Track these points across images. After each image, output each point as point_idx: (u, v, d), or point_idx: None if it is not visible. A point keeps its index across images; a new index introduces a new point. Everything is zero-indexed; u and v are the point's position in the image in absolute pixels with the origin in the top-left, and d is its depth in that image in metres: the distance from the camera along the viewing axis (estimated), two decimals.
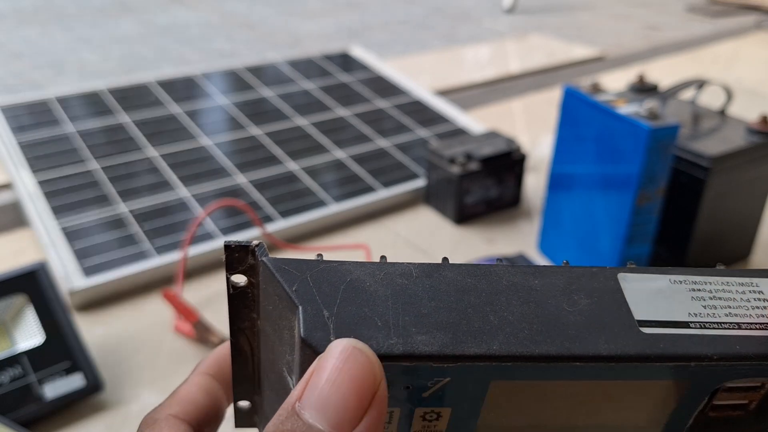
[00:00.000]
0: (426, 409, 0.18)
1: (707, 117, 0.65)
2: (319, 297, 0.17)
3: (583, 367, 0.18)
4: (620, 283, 0.20)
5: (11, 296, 0.49)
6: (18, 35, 2.07)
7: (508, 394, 0.18)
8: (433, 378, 0.17)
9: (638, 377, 0.18)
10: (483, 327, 0.17)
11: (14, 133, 0.79)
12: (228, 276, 0.19)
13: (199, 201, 0.71)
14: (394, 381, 0.17)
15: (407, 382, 0.17)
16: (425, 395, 0.18)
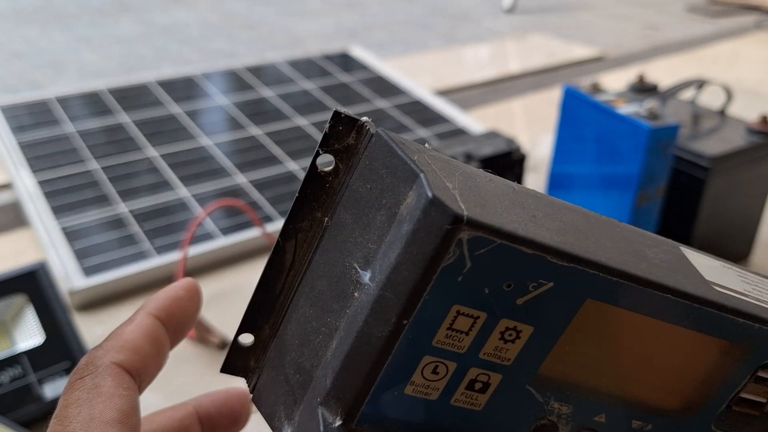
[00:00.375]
0: (510, 323, 0.17)
1: (707, 117, 0.65)
2: (440, 171, 0.16)
3: (671, 303, 0.18)
4: (684, 252, 0.21)
5: (11, 296, 0.49)
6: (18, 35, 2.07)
7: (595, 320, 0.18)
8: (539, 279, 0.16)
9: (710, 331, 0.19)
10: (588, 243, 0.17)
11: (14, 133, 0.79)
12: (318, 152, 0.18)
13: (199, 201, 0.71)
14: (498, 274, 0.16)
15: (512, 278, 0.16)
16: (520, 302, 0.17)
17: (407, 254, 0.16)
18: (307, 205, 0.19)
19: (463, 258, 0.15)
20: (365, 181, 0.17)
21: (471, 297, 0.16)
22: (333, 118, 0.18)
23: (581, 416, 0.19)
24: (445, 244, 0.15)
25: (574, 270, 0.17)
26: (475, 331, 0.17)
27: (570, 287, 0.17)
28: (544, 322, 0.17)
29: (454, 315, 0.16)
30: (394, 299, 0.16)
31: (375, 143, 0.18)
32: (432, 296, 0.16)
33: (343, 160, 0.18)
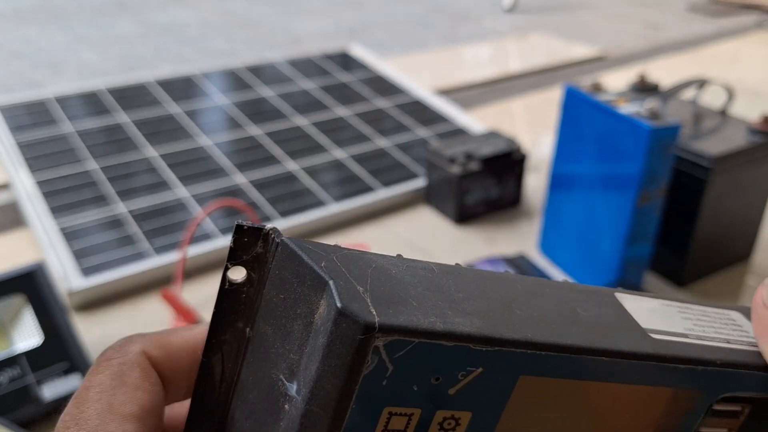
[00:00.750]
0: (446, 413, 0.17)
1: (708, 117, 0.64)
2: (349, 274, 0.16)
3: (608, 364, 0.18)
4: (619, 300, 0.21)
5: (9, 297, 0.48)
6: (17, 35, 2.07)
7: (534, 393, 0.18)
8: (466, 368, 0.16)
9: (654, 382, 0.19)
10: (514, 318, 0.17)
11: (12, 132, 0.79)
12: (227, 266, 0.18)
13: (198, 201, 0.70)
14: (423, 370, 0.16)
15: (439, 372, 0.16)
16: (452, 392, 0.17)
17: (326, 367, 0.15)
18: (226, 318, 0.18)
19: (383, 362, 0.15)
20: (278, 291, 0.17)
21: (400, 397, 0.16)
22: (236, 231, 0.18)
23: None
24: (361, 353, 0.15)
25: (500, 352, 0.16)
26: (411, 428, 0.17)
27: (500, 368, 0.17)
28: (481, 406, 0.17)
29: (386, 418, 0.16)
30: (321, 413, 0.16)
31: (282, 252, 0.17)
32: (359, 404, 0.16)
33: (255, 270, 0.18)
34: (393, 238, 0.70)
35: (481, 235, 0.71)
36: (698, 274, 0.64)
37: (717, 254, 0.64)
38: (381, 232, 0.71)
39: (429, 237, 0.70)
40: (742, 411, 0.21)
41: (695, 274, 0.63)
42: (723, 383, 0.20)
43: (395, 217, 0.74)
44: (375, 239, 0.69)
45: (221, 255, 0.64)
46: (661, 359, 0.19)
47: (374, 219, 0.73)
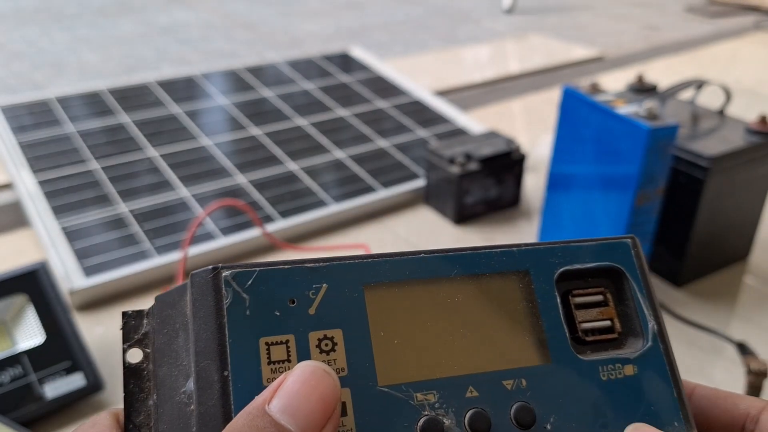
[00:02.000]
0: (318, 334, 0.18)
1: (706, 117, 0.65)
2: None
3: (430, 261, 0.20)
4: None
5: (12, 296, 0.49)
6: (18, 35, 2.07)
7: (389, 304, 0.19)
8: (312, 286, 0.19)
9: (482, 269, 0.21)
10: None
11: (14, 133, 0.79)
12: (124, 349, 0.19)
13: (200, 201, 0.71)
14: (276, 295, 0.18)
15: (291, 294, 0.18)
16: (311, 311, 0.18)
17: (197, 322, 0.18)
18: (137, 398, 0.19)
19: (238, 294, 0.18)
20: (162, 336, 0.19)
21: (268, 325, 0.18)
22: (123, 318, 0.20)
23: (452, 398, 0.19)
24: (216, 288, 0.18)
25: (333, 266, 0.19)
26: (293, 355, 0.18)
27: (341, 281, 0.19)
28: (346, 322, 0.19)
29: (266, 348, 0.18)
30: (207, 362, 0.17)
31: (157, 304, 0.20)
32: (233, 337, 0.17)
33: (147, 345, 0.20)
34: (393, 238, 0.70)
35: (480, 235, 0.71)
36: (696, 274, 0.64)
37: (715, 254, 0.65)
38: (381, 232, 0.71)
39: (428, 237, 0.71)
40: (605, 297, 0.22)
41: (693, 274, 0.64)
42: (549, 258, 0.22)
43: (395, 217, 0.74)
44: (375, 239, 0.70)
45: (222, 255, 0.65)
46: (474, 249, 0.21)
47: (374, 219, 0.74)
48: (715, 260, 0.65)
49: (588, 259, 0.22)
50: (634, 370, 0.21)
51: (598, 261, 0.22)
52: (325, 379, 0.17)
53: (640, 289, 0.22)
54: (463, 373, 0.19)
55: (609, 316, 0.22)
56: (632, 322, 0.22)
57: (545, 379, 0.20)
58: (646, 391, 0.20)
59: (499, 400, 0.19)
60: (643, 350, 0.21)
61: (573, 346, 0.21)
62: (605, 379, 0.20)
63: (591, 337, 0.21)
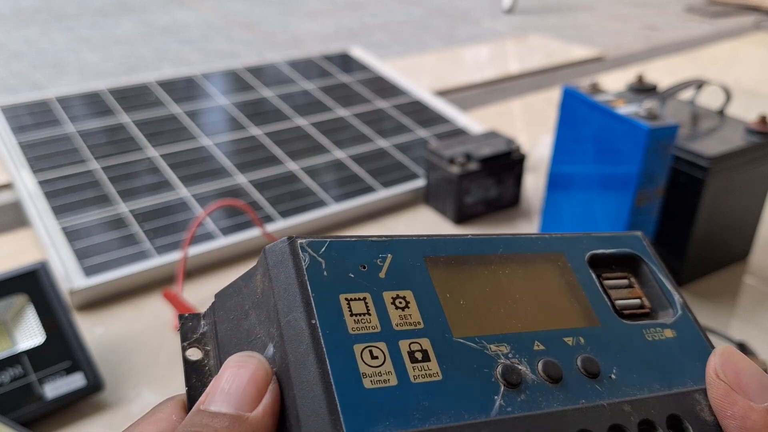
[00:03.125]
0: (392, 293, 0.20)
1: (706, 117, 0.65)
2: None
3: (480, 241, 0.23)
4: None
5: (12, 296, 0.49)
6: (18, 35, 2.07)
7: (450, 272, 0.21)
8: (379, 255, 0.21)
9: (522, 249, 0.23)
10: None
11: (15, 133, 0.79)
12: (184, 347, 0.21)
13: (200, 201, 0.71)
14: (348, 261, 0.20)
15: (361, 261, 0.20)
16: (382, 275, 0.20)
17: (278, 282, 0.19)
18: (199, 393, 0.20)
19: (314, 258, 0.20)
20: (228, 323, 0.21)
21: (345, 284, 0.19)
22: (180, 320, 0.21)
23: (522, 350, 0.20)
24: (294, 255, 0.19)
25: (394, 241, 0.21)
26: (372, 309, 0.19)
27: (404, 253, 0.21)
28: (414, 285, 0.21)
29: (346, 303, 0.19)
30: (294, 314, 0.18)
31: (216, 305, 0.21)
32: (316, 293, 0.19)
33: (207, 344, 0.21)
34: None
35: None
36: (696, 274, 0.64)
37: (715, 254, 0.65)
38: (381, 232, 0.71)
39: None
40: (630, 280, 0.24)
41: (693, 274, 0.64)
42: (578, 244, 0.24)
43: (395, 217, 0.74)
44: None
45: (223, 255, 0.65)
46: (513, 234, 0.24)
47: (374, 219, 0.74)
48: (715, 260, 0.65)
49: (610, 246, 0.25)
50: (673, 333, 0.23)
51: (619, 248, 0.25)
52: (250, 360, 0.18)
53: (660, 272, 0.25)
54: (527, 330, 0.21)
55: (637, 295, 0.24)
56: (659, 299, 0.24)
57: (600, 338, 0.22)
58: (688, 349, 0.23)
59: (565, 354, 0.21)
60: (676, 318, 0.23)
61: (619, 317, 0.23)
62: (650, 340, 0.22)
63: (627, 311, 0.23)
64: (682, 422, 0.19)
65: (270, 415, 0.18)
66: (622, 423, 0.19)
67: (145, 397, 0.50)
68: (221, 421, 0.17)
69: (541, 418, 0.19)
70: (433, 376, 0.19)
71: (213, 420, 0.17)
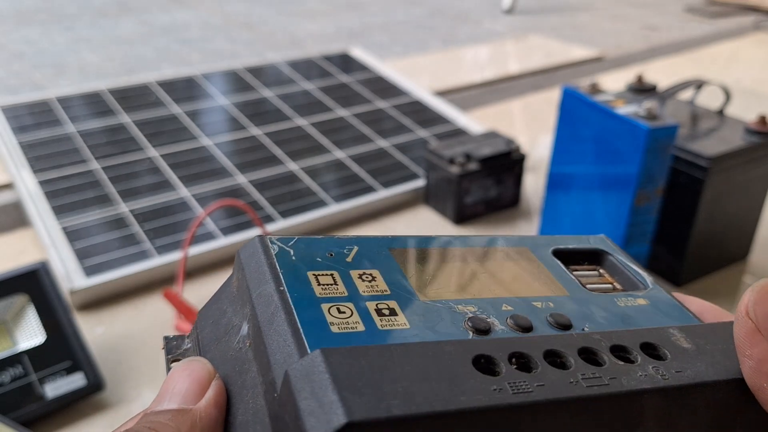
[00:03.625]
0: (359, 272, 0.21)
1: (706, 117, 0.65)
2: None
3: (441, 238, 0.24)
4: None
5: (12, 296, 0.49)
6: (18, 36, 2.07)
7: (409, 258, 0.22)
8: (345, 247, 0.22)
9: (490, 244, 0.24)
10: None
11: (15, 133, 0.79)
12: (168, 360, 0.22)
13: (200, 201, 0.71)
14: (317, 251, 0.21)
15: (329, 250, 0.21)
16: (349, 260, 0.21)
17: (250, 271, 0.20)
18: None
19: (283, 248, 0.21)
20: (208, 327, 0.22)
21: (314, 265, 0.20)
22: (164, 341, 0.22)
23: (490, 310, 0.21)
24: (264, 246, 0.20)
25: (358, 238, 0.22)
26: (339, 281, 0.20)
27: (369, 247, 0.22)
28: (380, 265, 0.21)
29: (314, 277, 0.20)
30: (263, 287, 0.19)
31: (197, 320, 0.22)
32: (285, 270, 0.20)
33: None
34: None
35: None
36: (695, 274, 0.64)
37: (714, 254, 0.65)
38: (381, 232, 0.72)
39: None
40: (600, 272, 0.25)
41: (692, 274, 0.64)
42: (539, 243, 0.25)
43: (395, 217, 0.74)
44: None
45: (223, 254, 0.65)
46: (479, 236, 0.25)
47: (374, 219, 0.74)
48: (715, 260, 0.65)
49: (573, 244, 0.25)
50: (646, 301, 0.23)
51: (583, 245, 0.26)
52: (192, 363, 0.19)
53: (627, 260, 0.25)
54: (495, 296, 0.21)
55: (608, 281, 0.25)
56: (629, 281, 0.24)
57: (570, 303, 0.22)
58: (663, 311, 0.23)
59: (534, 313, 0.21)
60: (648, 291, 0.24)
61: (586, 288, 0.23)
62: (623, 305, 0.22)
63: (595, 289, 0.24)
64: (657, 349, 0.19)
65: (213, 406, 0.19)
66: (593, 346, 0.19)
67: (145, 396, 0.50)
68: (165, 416, 0.18)
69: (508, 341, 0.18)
70: (401, 325, 0.19)
71: (158, 416, 0.18)
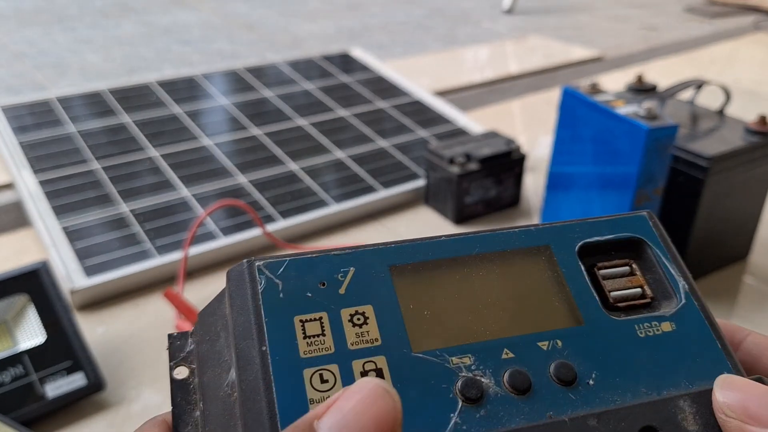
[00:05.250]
0: (350, 310, 0.19)
1: (706, 117, 0.65)
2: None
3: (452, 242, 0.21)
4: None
5: (13, 296, 0.49)
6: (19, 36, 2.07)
7: (416, 279, 0.20)
8: (340, 269, 0.20)
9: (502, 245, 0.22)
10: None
11: (16, 133, 0.79)
12: (171, 367, 0.21)
13: (200, 201, 0.71)
14: (307, 279, 0.19)
15: (321, 278, 0.20)
16: (342, 291, 0.19)
17: (235, 309, 0.19)
18: (184, 411, 0.20)
19: (271, 280, 0.19)
20: (206, 344, 0.21)
21: (301, 305, 0.19)
22: (169, 340, 0.21)
23: (488, 360, 0.19)
24: (251, 278, 0.19)
25: (358, 252, 0.20)
26: (327, 329, 0.19)
27: (368, 264, 0.20)
28: (375, 297, 0.20)
29: (300, 325, 0.19)
30: (246, 342, 0.18)
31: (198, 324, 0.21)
32: (270, 318, 0.19)
33: (193, 362, 0.21)
34: (393, 238, 0.70)
35: None
36: (695, 274, 0.64)
37: (714, 254, 0.65)
38: (381, 232, 0.72)
39: None
40: (631, 268, 0.22)
41: (692, 274, 0.64)
42: (568, 233, 0.22)
43: (395, 217, 0.74)
44: (375, 239, 0.70)
45: (223, 255, 0.65)
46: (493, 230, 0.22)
47: (374, 219, 0.74)
48: (715, 260, 0.65)
49: (606, 232, 0.22)
50: (672, 326, 0.21)
51: (617, 233, 0.22)
52: (383, 398, 0.16)
53: (665, 255, 0.22)
54: (497, 337, 0.20)
55: (638, 284, 0.22)
56: (663, 286, 0.22)
57: (581, 339, 0.20)
58: (688, 344, 0.20)
59: (537, 360, 0.19)
60: (678, 308, 0.21)
61: (605, 310, 0.21)
62: (643, 336, 0.20)
63: (623, 303, 0.21)
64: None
65: None
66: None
67: (146, 396, 0.50)
68: None
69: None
70: None
71: None
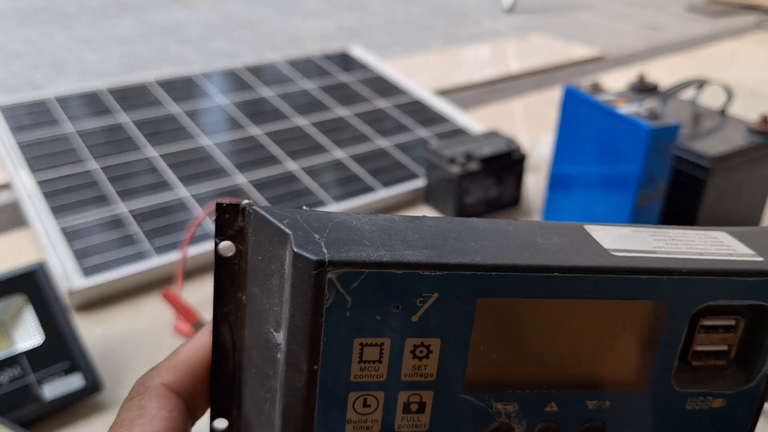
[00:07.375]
0: (416, 341, 0.18)
1: (707, 117, 0.65)
2: (309, 227, 0.18)
3: (562, 280, 0.18)
4: (587, 230, 0.21)
5: (10, 296, 0.49)
6: (18, 35, 2.07)
7: (499, 315, 0.18)
8: (422, 294, 0.17)
9: (617, 294, 0.19)
10: (465, 248, 0.18)
11: (13, 132, 0.79)
12: (216, 242, 0.19)
13: (199, 201, 0.71)
14: (381, 300, 0.17)
15: (396, 300, 0.17)
16: (414, 319, 0.17)
17: (295, 305, 0.17)
18: (226, 290, 0.20)
19: (341, 295, 0.17)
20: (257, 254, 0.19)
21: (367, 328, 0.17)
22: (217, 210, 0.19)
23: (531, 410, 0.19)
24: (319, 288, 0.17)
25: (451, 276, 0.17)
26: (386, 357, 0.18)
27: (455, 292, 0.18)
28: (448, 331, 0.18)
29: (359, 348, 0.17)
30: (299, 349, 0.17)
31: (254, 219, 0.19)
32: (329, 337, 0.17)
33: (240, 242, 0.20)
34: None
35: None
36: None
37: None
38: None
39: None
40: (737, 325, 0.20)
41: None
42: (695, 292, 0.19)
43: None
44: None
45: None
46: (619, 271, 0.18)
47: None
48: None
49: (738, 295, 0.20)
50: (722, 403, 0.20)
51: (748, 299, 0.20)
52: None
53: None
54: (550, 392, 0.19)
55: (730, 342, 0.20)
56: (748, 356, 0.20)
57: (630, 404, 0.19)
58: (724, 425, 0.20)
59: (577, 417, 0.19)
60: (742, 389, 0.20)
61: (675, 375, 0.20)
62: (689, 408, 0.20)
63: (697, 361, 0.20)
64: None
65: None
66: None
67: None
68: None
69: None
70: (420, 427, 0.18)
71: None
